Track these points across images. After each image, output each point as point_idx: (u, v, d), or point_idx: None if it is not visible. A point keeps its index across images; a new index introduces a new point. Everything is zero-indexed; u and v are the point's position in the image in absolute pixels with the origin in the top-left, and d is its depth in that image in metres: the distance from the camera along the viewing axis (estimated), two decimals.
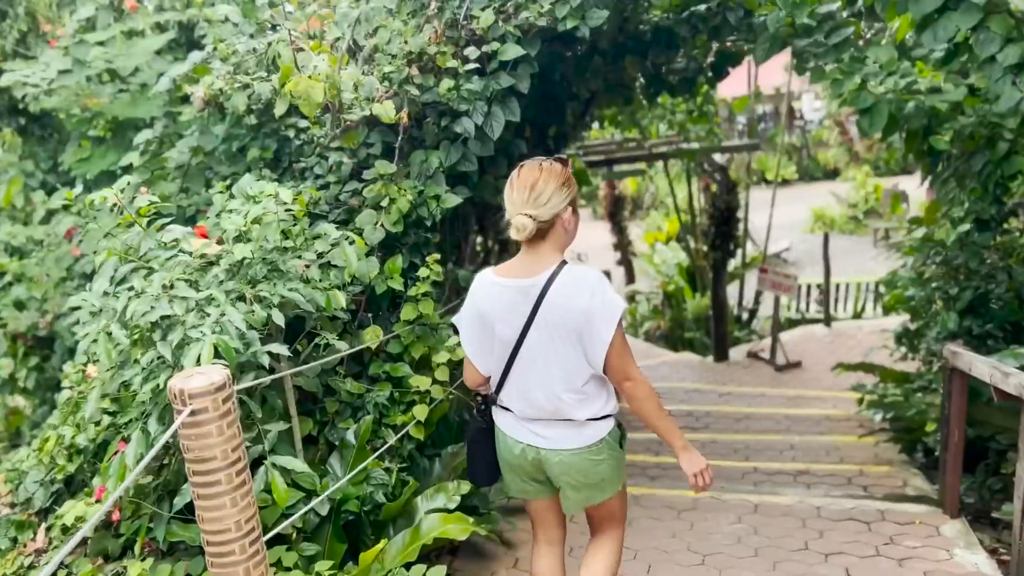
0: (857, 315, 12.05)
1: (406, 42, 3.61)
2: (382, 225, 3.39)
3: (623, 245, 13.20)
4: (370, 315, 3.42)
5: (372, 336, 3.34)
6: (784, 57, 17.94)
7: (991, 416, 4.34)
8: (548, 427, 2.36)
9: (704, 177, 9.48)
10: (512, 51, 3.70)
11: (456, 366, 3.45)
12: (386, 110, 3.25)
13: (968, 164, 4.62)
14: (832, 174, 23.19)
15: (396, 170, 3.51)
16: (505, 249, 7.42)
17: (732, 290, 12.16)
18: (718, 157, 9.23)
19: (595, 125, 9.44)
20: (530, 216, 2.16)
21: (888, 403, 5.94)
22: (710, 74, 4.91)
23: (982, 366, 3.65)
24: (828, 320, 11.06)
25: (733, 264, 10.24)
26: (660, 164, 18.31)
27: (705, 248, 9.59)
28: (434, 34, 3.65)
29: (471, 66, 3.66)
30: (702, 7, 4.17)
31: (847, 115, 20.61)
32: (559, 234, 2.27)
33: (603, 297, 2.23)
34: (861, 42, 4.18)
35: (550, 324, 2.24)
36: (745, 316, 11.92)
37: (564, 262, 2.28)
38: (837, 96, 4.14)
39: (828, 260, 10.93)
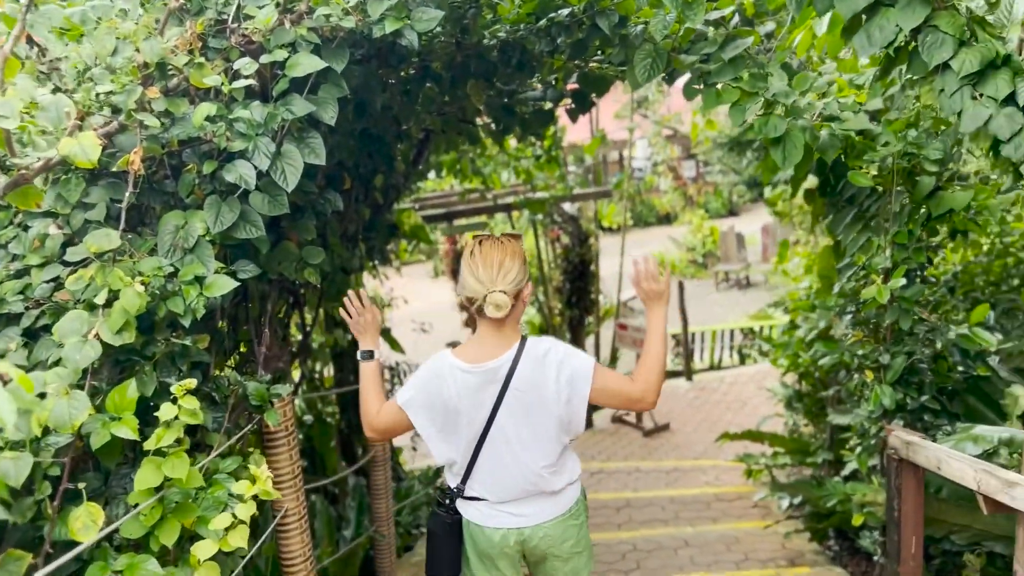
0: (715, 366, 11.55)
1: (137, 49, 2.34)
2: (97, 336, 2.06)
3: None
4: (83, 486, 2.05)
5: (86, 520, 1.98)
6: (614, 106, 17.61)
7: (944, 512, 3.53)
8: (526, 504, 2.33)
9: (554, 229, 8.63)
10: (307, 63, 2.52)
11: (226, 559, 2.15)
12: (83, 148, 1.96)
13: (878, 204, 3.88)
14: (665, 219, 23.49)
15: (121, 244, 2.19)
16: (338, 324, 6.14)
17: (587, 344, 11.41)
18: (567, 207, 8.42)
19: (431, 175, 8.37)
20: (505, 292, 2.15)
21: (793, 486, 5.10)
22: (572, 105, 3.91)
23: (962, 467, 2.77)
24: (689, 373, 10.44)
25: (587, 319, 9.39)
26: (502, 216, 17.56)
27: (560, 305, 8.70)
28: (183, 38, 2.40)
29: (243, 83, 2.44)
30: (564, 12, 3.17)
31: (679, 160, 20.92)
32: (519, 309, 2.27)
33: (575, 358, 2.26)
34: (760, 56, 3.31)
35: (523, 401, 2.22)
36: None
37: (525, 337, 2.26)
38: (740, 124, 3.25)
39: (685, 309, 10.35)
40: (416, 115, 3.84)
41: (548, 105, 4.04)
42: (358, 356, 2.53)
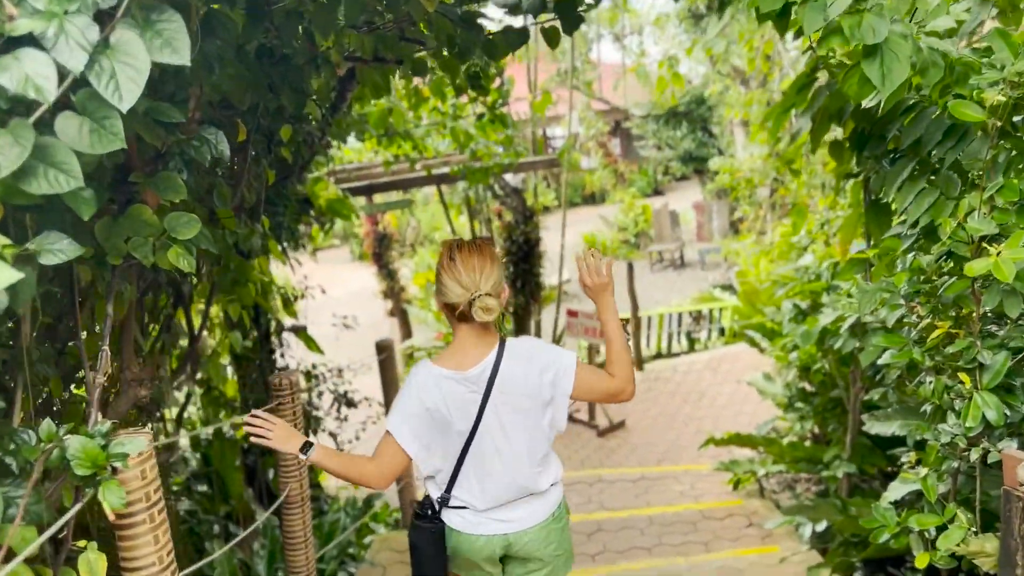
0: (665, 353, 10.71)
1: None
2: None
3: (395, 292, 10.93)
4: None
5: None
6: (540, 76, 16.41)
7: None
8: (515, 508, 2.32)
9: (495, 206, 7.52)
10: None
11: None
12: None
13: (956, 151, 2.93)
14: (591, 199, 22.67)
15: None
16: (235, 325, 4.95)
17: (528, 333, 10.38)
18: (510, 178, 7.33)
19: (351, 139, 7.14)
20: (491, 295, 2.13)
21: (813, 508, 4.17)
22: (553, 19, 2.82)
23: None
24: (639, 362, 9.54)
25: (533, 306, 8.33)
26: (427, 192, 16.33)
27: None
28: None
29: None
30: None
31: (608, 136, 20.04)
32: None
33: (557, 355, 2.26)
34: None
35: (507, 404, 2.21)
36: None
37: (503, 338, 2.25)
38: (816, 30, 2.25)
39: (635, 293, 9.43)
40: (338, 29, 2.67)
41: (521, 20, 2.93)
42: (301, 458, 2.24)
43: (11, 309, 1.49)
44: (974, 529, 2.78)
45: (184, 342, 3.96)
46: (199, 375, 4.77)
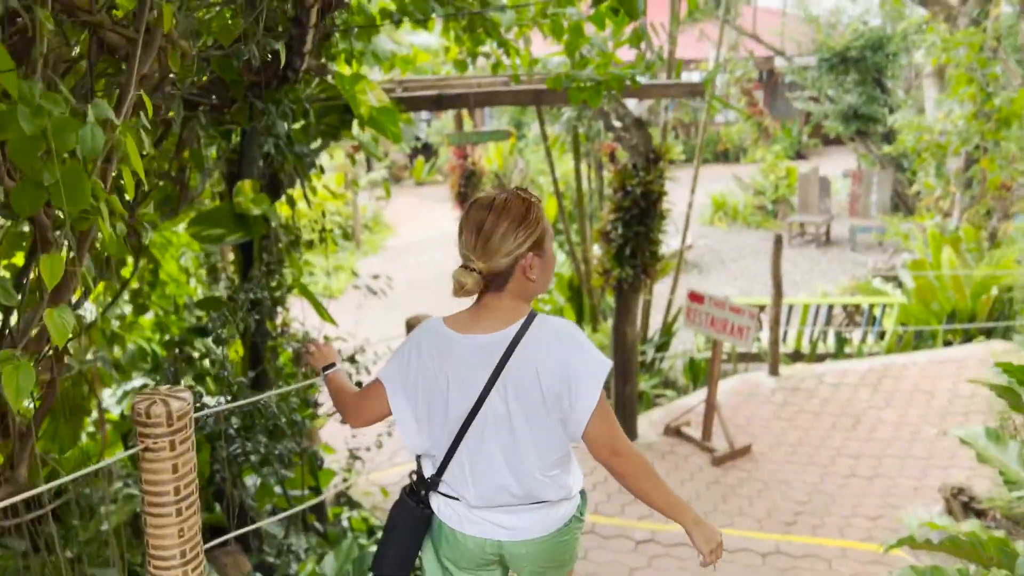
0: (808, 354, 8.52)
1: None
2: None
3: None
4: None
5: None
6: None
7: None
8: (514, 515, 1.99)
9: (607, 144, 5.55)
10: None
11: None
12: None
13: None
14: (723, 156, 20.10)
15: None
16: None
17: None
18: (632, 105, 5.34)
19: (423, 38, 5.37)
20: (472, 269, 1.85)
21: None
22: None
23: None
24: (775, 365, 7.43)
25: (645, 282, 6.34)
26: (509, 117, 14.37)
27: (606, 259, 5.69)
28: None
29: None
30: None
31: (755, 84, 17.43)
32: (520, 283, 1.90)
33: (588, 355, 1.89)
34: None
35: (519, 389, 1.89)
36: (650, 353, 8.12)
37: (534, 314, 1.94)
38: None
39: (779, 273, 7.28)
40: None
41: None
42: (321, 377, 2.28)
43: None
44: None
45: None
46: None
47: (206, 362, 3.01)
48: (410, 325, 3.71)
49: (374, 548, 4.50)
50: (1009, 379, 3.53)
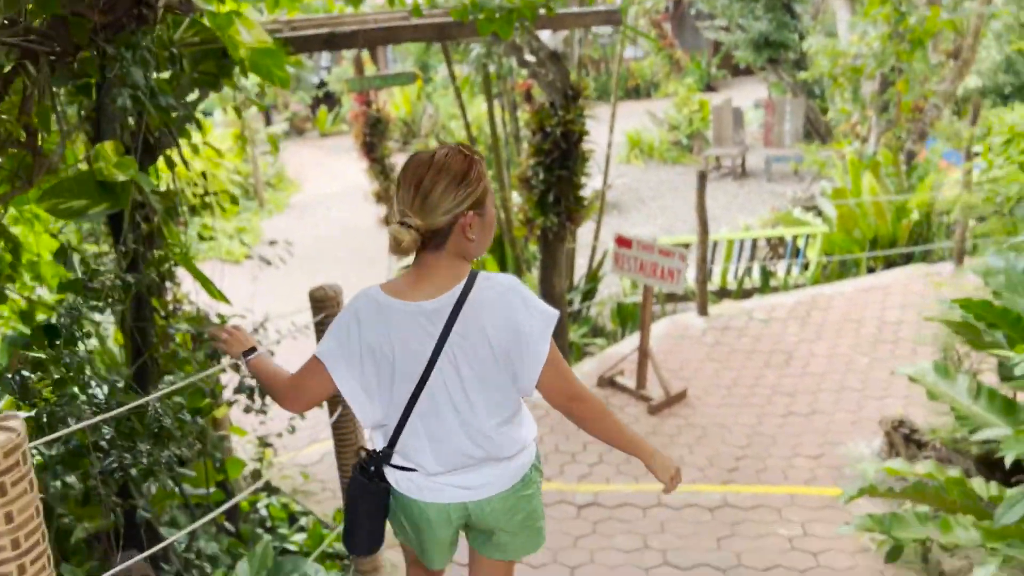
0: (734, 291, 8.39)
1: None
2: None
3: (391, 195, 8.63)
4: None
5: None
6: None
7: None
8: (473, 474, 1.97)
9: (521, 82, 5.10)
10: None
11: None
12: None
13: None
14: (634, 92, 19.81)
15: None
16: None
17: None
18: (546, 37, 4.90)
19: None
20: (409, 225, 1.79)
21: None
22: None
23: None
24: (704, 305, 7.25)
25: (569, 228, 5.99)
26: (415, 56, 13.77)
27: (528, 207, 5.30)
28: None
29: None
30: None
31: (664, 15, 17.07)
32: (458, 241, 1.85)
33: (534, 308, 1.89)
34: None
35: (468, 352, 1.88)
36: (577, 301, 7.83)
37: (475, 273, 1.92)
38: None
39: (704, 211, 7.05)
40: None
41: None
42: (242, 365, 2.21)
43: None
44: None
45: None
46: None
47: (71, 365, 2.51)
48: (314, 298, 3.27)
49: (293, 549, 4.10)
50: (965, 315, 3.35)
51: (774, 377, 6.19)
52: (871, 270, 8.21)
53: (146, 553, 2.48)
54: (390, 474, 2.04)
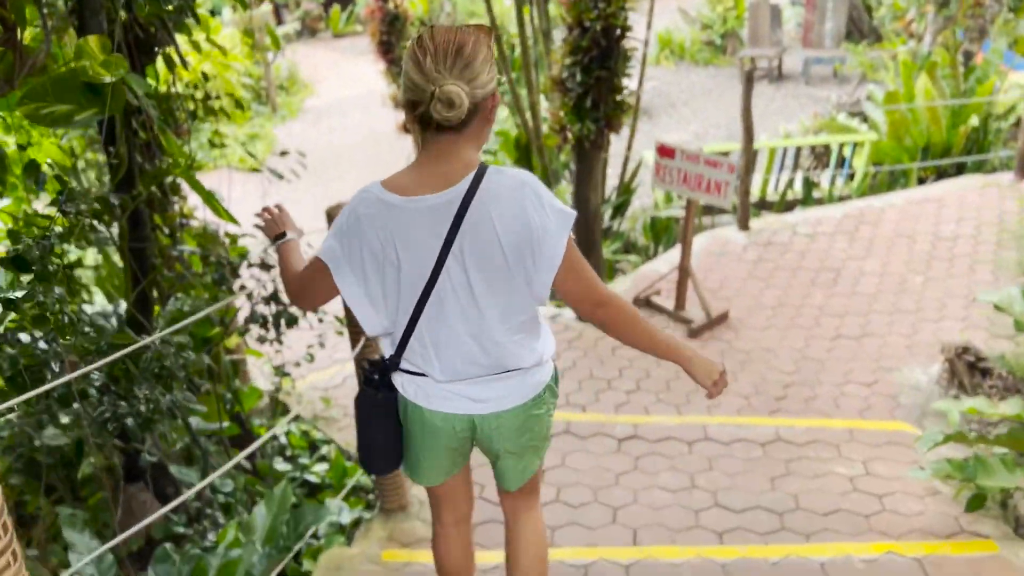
0: (776, 204, 7.91)
1: None
2: None
3: None
4: None
5: None
6: None
7: None
8: (486, 386, 1.87)
9: None
10: None
11: None
12: None
13: None
14: None
15: None
16: None
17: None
18: None
19: None
20: (462, 88, 1.59)
21: None
22: None
23: None
24: (745, 219, 6.81)
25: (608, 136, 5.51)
26: None
27: (562, 113, 4.82)
28: None
29: None
30: None
31: None
32: (480, 126, 1.74)
33: (549, 205, 1.74)
34: None
35: (478, 252, 1.74)
36: (608, 213, 7.40)
37: (484, 166, 1.75)
38: None
39: (750, 116, 6.53)
40: None
41: None
42: (273, 247, 2.11)
43: None
44: None
45: None
46: None
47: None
48: (330, 216, 2.92)
49: (314, 481, 3.86)
50: None
51: (821, 297, 5.81)
52: (921, 181, 7.69)
53: (151, 519, 2.21)
54: (398, 379, 1.94)
